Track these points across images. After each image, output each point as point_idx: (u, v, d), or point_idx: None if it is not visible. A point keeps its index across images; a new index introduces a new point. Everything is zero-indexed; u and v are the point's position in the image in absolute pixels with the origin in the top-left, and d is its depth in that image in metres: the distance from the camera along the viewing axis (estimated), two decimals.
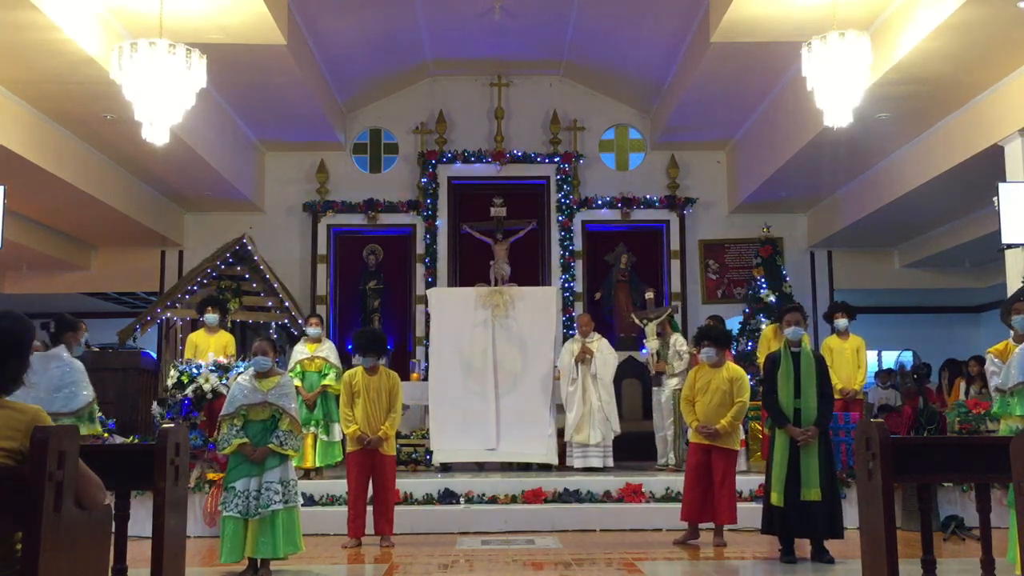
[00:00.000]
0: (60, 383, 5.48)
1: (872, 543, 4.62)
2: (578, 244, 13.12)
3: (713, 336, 7.57)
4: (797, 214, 13.76)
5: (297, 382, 9.09)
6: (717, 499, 7.28)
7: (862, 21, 8.30)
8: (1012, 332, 6.31)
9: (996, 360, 6.20)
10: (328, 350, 9.44)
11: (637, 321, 10.72)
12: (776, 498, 6.49)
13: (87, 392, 5.51)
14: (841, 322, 9.52)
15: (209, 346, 9.53)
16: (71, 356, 5.69)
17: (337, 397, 8.79)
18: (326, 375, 9.22)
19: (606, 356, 9.88)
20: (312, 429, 9.05)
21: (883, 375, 13.59)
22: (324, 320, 11.16)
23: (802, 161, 10.97)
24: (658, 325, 10.25)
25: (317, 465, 9.06)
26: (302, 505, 6.59)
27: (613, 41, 11.74)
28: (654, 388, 10.02)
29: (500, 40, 12.03)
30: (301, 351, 9.37)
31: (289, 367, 9.24)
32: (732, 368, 7.53)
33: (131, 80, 7.26)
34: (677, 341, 9.94)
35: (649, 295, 10.82)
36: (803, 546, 6.63)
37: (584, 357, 9.78)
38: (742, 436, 9.55)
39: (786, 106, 10.76)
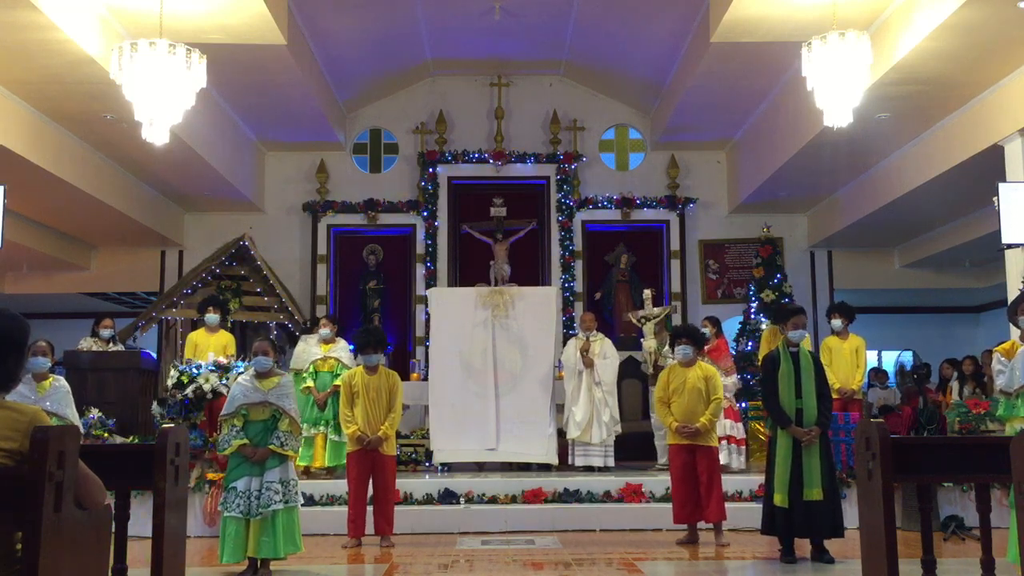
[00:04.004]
0: None
1: (872, 543, 4.62)
2: (578, 244, 13.12)
3: (691, 334, 7.59)
4: (797, 214, 13.76)
5: (310, 382, 9.09)
6: (707, 498, 7.28)
7: (862, 21, 8.30)
8: (1020, 331, 6.29)
9: (1003, 359, 6.19)
10: (341, 350, 9.43)
11: (635, 320, 10.72)
12: (780, 499, 6.47)
13: None
14: (836, 323, 9.52)
15: (209, 346, 9.53)
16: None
17: None
18: (338, 375, 9.20)
19: (608, 356, 9.86)
20: (323, 428, 9.05)
21: (879, 375, 13.58)
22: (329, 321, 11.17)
23: (802, 161, 10.97)
24: (656, 324, 10.24)
25: (327, 464, 9.06)
26: (302, 505, 6.59)
27: (613, 41, 11.74)
28: (652, 388, 10.00)
29: (500, 40, 12.03)
30: (315, 352, 9.34)
31: (299, 365, 9.23)
32: (704, 367, 7.56)
33: (131, 80, 7.26)
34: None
35: (647, 294, 10.81)
36: (802, 546, 6.63)
37: (588, 347, 9.76)
38: (742, 435, 9.59)
39: (786, 106, 10.76)
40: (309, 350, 9.42)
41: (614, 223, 13.30)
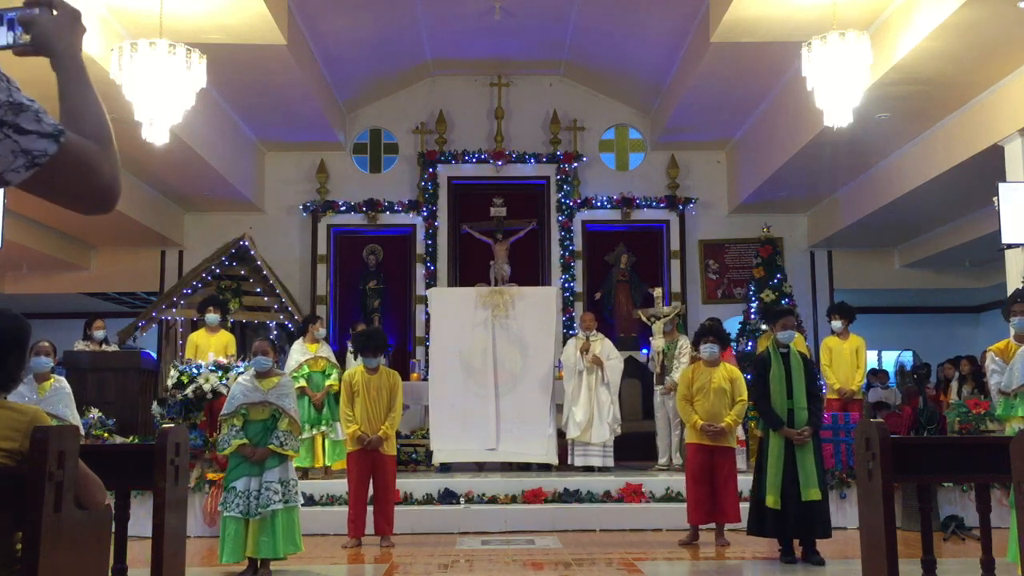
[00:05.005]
0: None
1: (872, 543, 4.61)
2: (578, 244, 13.12)
3: (716, 332, 7.58)
4: (797, 214, 13.75)
5: (303, 382, 9.08)
6: (723, 499, 7.26)
7: (862, 21, 8.30)
8: (1012, 332, 6.30)
9: (998, 359, 6.19)
10: (328, 350, 9.45)
11: (644, 318, 10.68)
12: (772, 500, 6.45)
13: None
14: (836, 323, 9.52)
15: (210, 346, 9.53)
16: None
17: (338, 395, 8.80)
18: (329, 375, 9.22)
19: (613, 356, 9.85)
20: (323, 428, 9.05)
21: (879, 375, 13.59)
22: (323, 321, 11.18)
23: (802, 161, 10.97)
24: (666, 324, 10.22)
25: (327, 464, 9.06)
26: (302, 505, 6.59)
27: (613, 41, 11.74)
28: (657, 388, 9.99)
29: (500, 40, 12.02)
30: (303, 351, 9.33)
31: (292, 368, 9.21)
32: (729, 367, 7.56)
33: (131, 80, 7.27)
34: (686, 345, 9.87)
35: (657, 293, 10.82)
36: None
37: (588, 346, 9.76)
38: (742, 435, 9.58)
39: (786, 106, 10.76)
40: (299, 350, 9.39)
41: (614, 223, 13.30)
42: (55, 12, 1.74)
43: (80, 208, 1.71)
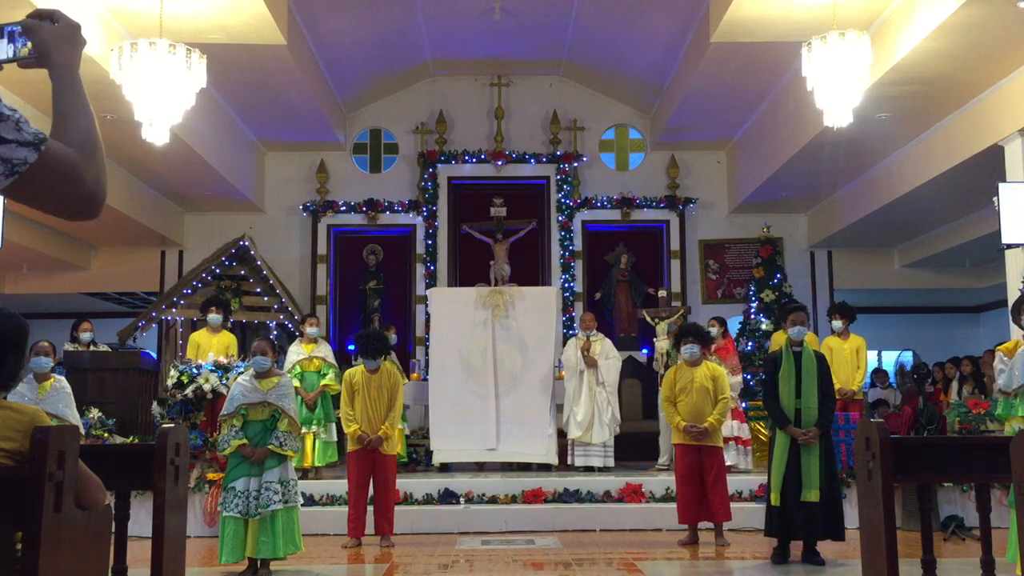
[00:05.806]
0: None
1: (872, 543, 4.62)
2: (578, 244, 13.12)
3: (697, 333, 7.59)
4: (797, 214, 13.76)
5: (296, 383, 9.07)
6: (712, 498, 7.27)
7: (862, 21, 8.30)
8: (1022, 332, 6.30)
9: (1005, 359, 6.19)
10: (325, 350, 9.45)
11: (649, 319, 10.66)
12: (775, 498, 6.47)
13: None
14: (836, 324, 9.52)
15: (211, 346, 9.52)
16: None
17: (334, 397, 8.79)
18: (325, 375, 9.22)
19: (611, 356, 9.85)
20: (314, 428, 9.05)
21: (879, 375, 13.59)
22: (322, 321, 11.18)
23: (802, 161, 10.97)
24: (670, 325, 10.21)
25: (316, 464, 9.06)
26: (302, 505, 6.59)
27: (613, 41, 11.74)
28: (661, 388, 9.98)
29: (500, 40, 12.03)
30: (298, 351, 9.35)
31: (287, 368, 9.21)
32: (712, 366, 7.57)
33: (131, 80, 7.27)
34: None
35: (661, 294, 10.81)
36: (798, 547, 6.62)
37: (588, 346, 9.76)
38: (748, 436, 9.59)
39: (786, 106, 10.76)
40: (294, 350, 9.40)
41: (614, 223, 13.30)
42: (56, 24, 1.80)
43: (63, 214, 1.76)
